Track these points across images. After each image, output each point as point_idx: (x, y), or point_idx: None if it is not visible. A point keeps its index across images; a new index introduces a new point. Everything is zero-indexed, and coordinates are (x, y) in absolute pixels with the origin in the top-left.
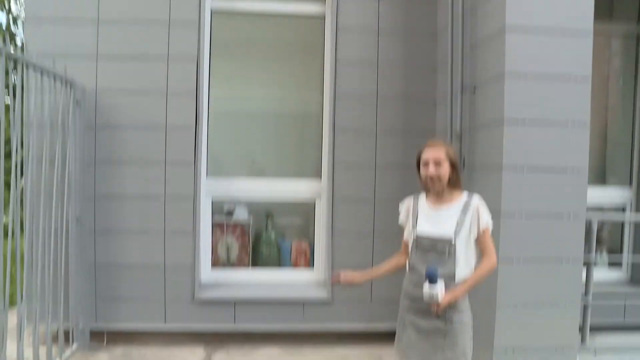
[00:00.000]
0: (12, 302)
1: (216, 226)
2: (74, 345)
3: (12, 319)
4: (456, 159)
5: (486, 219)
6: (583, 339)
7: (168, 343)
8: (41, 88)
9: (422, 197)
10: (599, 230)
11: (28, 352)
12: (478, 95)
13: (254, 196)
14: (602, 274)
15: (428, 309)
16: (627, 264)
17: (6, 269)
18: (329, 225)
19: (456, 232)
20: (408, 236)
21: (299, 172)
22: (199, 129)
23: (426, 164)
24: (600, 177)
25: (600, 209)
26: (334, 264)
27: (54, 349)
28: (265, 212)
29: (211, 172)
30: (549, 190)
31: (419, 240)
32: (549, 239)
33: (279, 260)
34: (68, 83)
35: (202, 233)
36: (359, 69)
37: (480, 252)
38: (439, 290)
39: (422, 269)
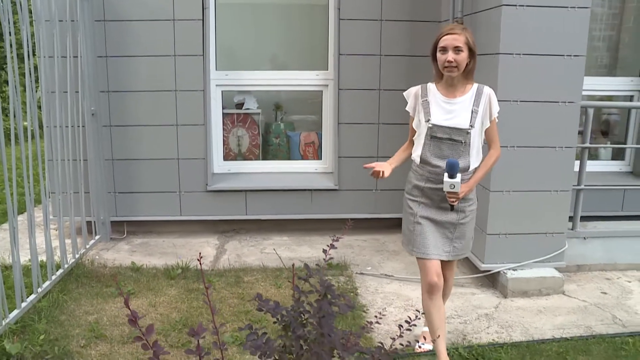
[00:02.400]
0: (38, 201)
1: (227, 118)
2: (97, 237)
3: (38, 214)
4: (475, 46)
5: (496, 109)
6: (574, 226)
7: (183, 233)
8: None
9: (432, 87)
10: (605, 122)
11: (55, 244)
12: None
13: (263, 87)
14: (605, 165)
15: (439, 203)
16: (630, 156)
17: (29, 169)
18: (335, 115)
19: (472, 122)
20: (417, 127)
21: (306, 64)
22: (207, 21)
23: (444, 50)
24: (612, 67)
25: (609, 97)
26: (340, 154)
27: (79, 241)
28: (275, 104)
29: (220, 65)
30: (545, 77)
31: (433, 130)
32: (543, 126)
33: (288, 151)
34: None
35: (214, 125)
36: None
37: (488, 142)
38: (459, 182)
39: (436, 162)
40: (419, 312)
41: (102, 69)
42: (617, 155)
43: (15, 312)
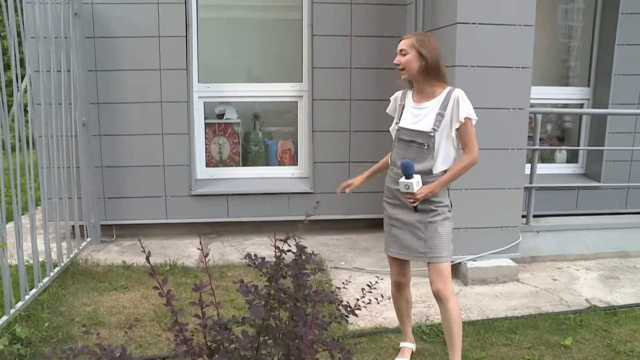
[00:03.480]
0: (25, 209)
1: (209, 127)
2: (88, 239)
3: (26, 222)
4: (428, 50)
5: (466, 110)
6: (527, 221)
7: (169, 235)
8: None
9: (410, 93)
10: (561, 129)
11: (41, 247)
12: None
13: (242, 98)
14: (560, 168)
15: (408, 204)
16: (583, 159)
17: (17, 180)
18: (310, 124)
19: (435, 125)
20: (392, 131)
21: (282, 76)
22: (190, 37)
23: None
24: (564, 78)
25: (564, 105)
26: (315, 160)
27: (72, 243)
28: (253, 114)
29: (202, 78)
30: (496, 86)
31: (400, 133)
32: (497, 130)
33: (266, 158)
34: None
35: (197, 134)
36: None
37: (462, 146)
38: (415, 182)
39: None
40: (383, 296)
41: (92, 82)
42: (572, 158)
43: (20, 303)
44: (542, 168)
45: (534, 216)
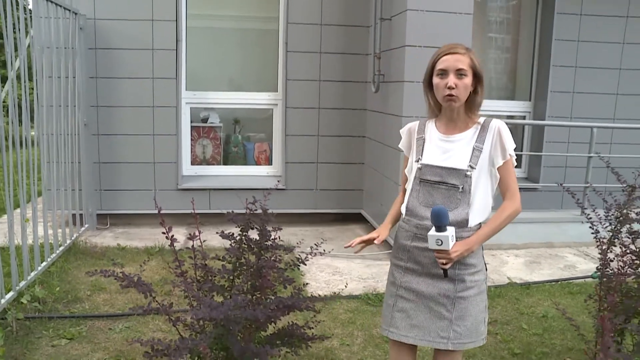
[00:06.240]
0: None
1: (194, 130)
2: (86, 225)
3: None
4: (482, 71)
5: (510, 145)
6: None
7: (158, 224)
8: (55, 16)
9: (431, 123)
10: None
11: (39, 232)
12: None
13: (224, 105)
14: None
15: (430, 268)
16: (526, 165)
17: (17, 176)
18: (283, 129)
19: (472, 162)
20: (408, 172)
21: (260, 86)
22: (179, 51)
23: (444, 74)
24: (510, 92)
25: (510, 116)
26: (287, 160)
27: (73, 228)
28: (234, 119)
29: (190, 86)
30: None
31: (423, 172)
32: None
33: (244, 158)
34: (73, 12)
35: (183, 135)
36: (307, 1)
37: (501, 191)
38: (450, 236)
39: (425, 212)
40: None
41: (93, 87)
42: (516, 164)
43: (34, 272)
44: None
45: None
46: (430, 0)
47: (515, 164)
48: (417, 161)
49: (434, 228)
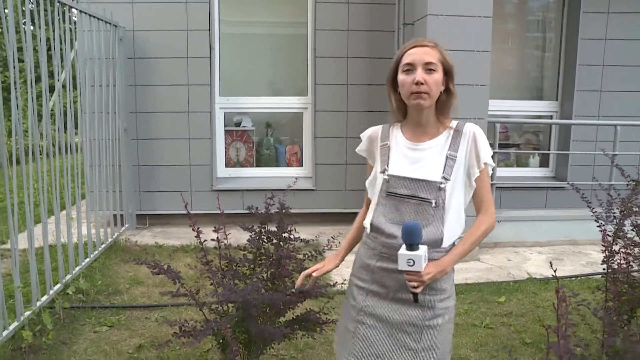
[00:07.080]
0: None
1: (228, 134)
2: (126, 225)
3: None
4: (452, 67)
5: (486, 152)
6: None
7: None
8: (97, 29)
9: (397, 129)
10: (534, 135)
11: (83, 232)
12: (414, 29)
13: (256, 109)
14: (533, 171)
15: (397, 292)
16: (553, 163)
17: (63, 179)
18: (313, 132)
19: (446, 173)
20: (371, 184)
21: (290, 91)
22: (213, 58)
23: (410, 69)
24: (538, 92)
25: (537, 116)
26: (317, 162)
27: (114, 228)
28: (266, 123)
29: (223, 92)
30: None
31: (390, 185)
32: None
33: (276, 160)
34: (113, 25)
35: (217, 139)
36: (334, 8)
37: (475, 204)
38: (423, 256)
39: (392, 229)
40: None
41: (132, 95)
42: (544, 163)
43: (78, 267)
44: (518, 171)
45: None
46: (450, 4)
47: (491, 172)
48: (383, 172)
49: (404, 246)
